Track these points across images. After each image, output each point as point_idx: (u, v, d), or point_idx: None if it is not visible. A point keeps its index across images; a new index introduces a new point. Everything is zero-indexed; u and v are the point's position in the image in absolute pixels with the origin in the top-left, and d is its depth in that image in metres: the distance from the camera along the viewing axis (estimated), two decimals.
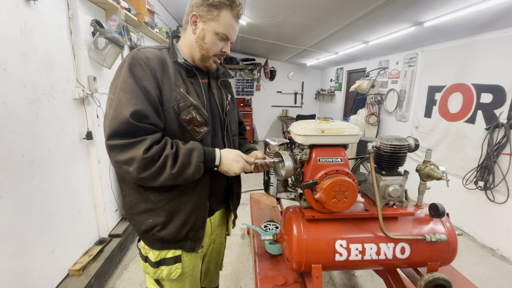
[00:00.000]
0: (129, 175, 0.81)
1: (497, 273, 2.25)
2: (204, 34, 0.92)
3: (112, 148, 0.79)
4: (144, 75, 0.84)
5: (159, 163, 0.82)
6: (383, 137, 1.12)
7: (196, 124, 0.92)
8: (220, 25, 0.91)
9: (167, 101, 0.87)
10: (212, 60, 0.97)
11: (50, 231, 1.64)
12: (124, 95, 0.80)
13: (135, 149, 0.79)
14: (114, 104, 0.81)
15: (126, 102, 0.80)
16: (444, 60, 3.10)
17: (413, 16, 2.55)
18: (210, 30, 0.92)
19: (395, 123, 4.01)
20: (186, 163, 0.85)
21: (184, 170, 0.85)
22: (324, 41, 4.04)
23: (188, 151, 0.87)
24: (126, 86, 0.81)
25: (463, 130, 2.84)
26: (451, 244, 1.07)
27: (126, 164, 0.79)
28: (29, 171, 1.47)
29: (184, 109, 0.89)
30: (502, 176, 2.41)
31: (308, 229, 1.05)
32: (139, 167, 0.80)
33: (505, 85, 2.40)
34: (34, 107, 1.50)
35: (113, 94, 0.83)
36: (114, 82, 0.85)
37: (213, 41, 0.93)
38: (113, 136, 0.79)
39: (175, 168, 0.83)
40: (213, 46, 0.94)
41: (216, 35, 0.93)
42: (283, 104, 7.47)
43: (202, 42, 0.93)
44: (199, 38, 0.93)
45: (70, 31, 1.82)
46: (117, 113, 0.79)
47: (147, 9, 2.69)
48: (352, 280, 2.11)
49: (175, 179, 0.84)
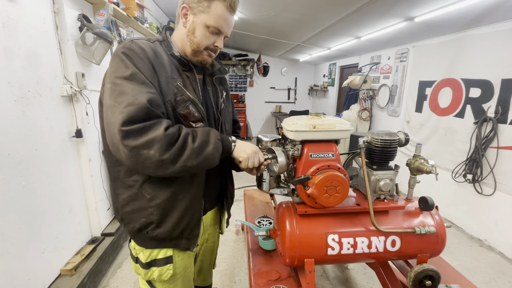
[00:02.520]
0: (149, 160, 0.75)
1: (484, 263, 2.32)
2: (194, 27, 0.88)
3: (129, 133, 0.73)
4: (144, 66, 0.81)
5: (180, 139, 0.78)
6: (374, 132, 1.13)
7: (192, 119, 0.89)
8: (210, 17, 0.86)
9: (164, 94, 0.84)
10: (205, 54, 0.93)
11: (40, 231, 1.61)
12: (134, 83, 0.77)
13: (154, 129, 0.75)
14: (125, 91, 0.75)
15: (139, 89, 0.76)
16: (434, 55, 3.14)
17: (404, 11, 2.56)
18: (200, 23, 0.87)
19: (387, 118, 4.06)
20: (205, 140, 0.83)
21: (204, 147, 0.82)
22: (317, 37, 4.03)
23: (204, 130, 0.86)
24: (134, 77, 0.77)
25: (453, 125, 2.89)
26: (440, 236, 1.10)
27: (146, 147, 0.73)
28: (16, 171, 1.43)
29: (181, 103, 0.87)
30: (490, 169, 2.47)
31: (300, 224, 1.05)
32: (161, 147, 0.75)
33: (493, 80, 2.45)
34: (19, 104, 1.46)
35: (114, 83, 0.77)
36: (113, 71, 0.79)
37: (204, 34, 0.88)
38: (129, 122, 0.72)
39: (196, 143, 0.81)
40: (203, 40, 0.89)
41: (207, 28, 0.87)
42: (276, 100, 7.46)
43: (192, 36, 0.89)
44: (189, 31, 0.89)
45: (56, 26, 1.76)
46: (133, 98, 0.74)
47: (136, 4, 2.63)
48: (345, 273, 2.15)
49: (197, 156, 0.80)
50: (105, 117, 0.78)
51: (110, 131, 0.75)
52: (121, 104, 0.74)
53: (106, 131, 0.78)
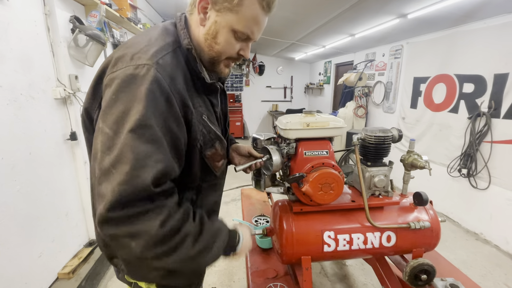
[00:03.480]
0: (125, 250, 0.55)
1: (480, 256, 2.35)
2: (216, 31, 0.66)
3: (112, 220, 0.52)
4: (170, 110, 0.59)
5: (176, 239, 0.58)
6: (367, 129, 1.14)
7: (217, 159, 0.75)
8: (240, 19, 0.65)
9: (193, 137, 0.66)
10: (224, 64, 0.73)
11: (36, 235, 1.60)
12: (142, 146, 0.54)
13: (147, 220, 0.54)
14: (125, 157, 0.53)
15: (145, 159, 0.54)
16: (428, 51, 3.16)
17: (397, 8, 2.58)
18: (225, 26, 0.66)
19: (383, 114, 4.08)
20: (207, 247, 0.64)
21: (202, 254, 0.63)
22: (311, 35, 4.04)
23: (214, 232, 0.68)
24: (146, 131, 0.54)
25: (447, 120, 2.92)
26: (435, 230, 1.11)
27: (129, 237, 0.54)
28: (10, 175, 1.42)
29: (207, 144, 0.71)
30: (484, 163, 2.50)
31: (296, 222, 1.06)
32: (148, 244, 0.54)
33: (486, 75, 2.47)
34: (12, 108, 1.45)
35: (116, 132, 0.54)
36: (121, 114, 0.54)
37: (228, 41, 0.68)
38: (119, 206, 0.52)
39: (194, 250, 0.61)
40: (227, 48, 0.69)
41: (233, 33, 0.67)
42: (273, 99, 7.46)
43: (212, 41, 0.68)
44: (209, 34, 0.67)
45: (48, 28, 1.75)
46: (132, 175, 0.52)
47: (129, 4, 2.61)
48: (344, 270, 2.16)
49: (185, 263, 0.61)
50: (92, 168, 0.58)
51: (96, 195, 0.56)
52: (117, 175, 0.53)
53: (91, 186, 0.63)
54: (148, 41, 0.64)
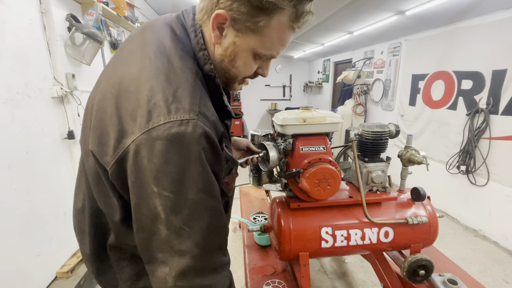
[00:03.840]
0: None
1: (479, 252, 2.35)
2: (235, 53, 0.57)
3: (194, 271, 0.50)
4: (218, 161, 0.56)
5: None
6: (365, 124, 1.14)
7: (232, 184, 0.73)
8: (265, 42, 0.56)
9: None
10: (239, 82, 0.66)
11: (34, 234, 1.60)
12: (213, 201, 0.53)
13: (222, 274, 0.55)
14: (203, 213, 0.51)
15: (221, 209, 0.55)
16: (426, 48, 3.15)
17: (395, 5, 2.57)
18: (245, 49, 0.56)
19: (382, 112, 4.08)
20: None
21: None
22: (310, 32, 4.03)
23: None
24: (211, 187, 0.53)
25: (446, 117, 2.92)
26: (432, 225, 1.11)
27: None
28: (6, 174, 1.42)
29: (226, 171, 0.66)
30: (483, 160, 2.50)
31: (294, 218, 1.06)
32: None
33: (484, 71, 2.47)
34: (8, 106, 1.44)
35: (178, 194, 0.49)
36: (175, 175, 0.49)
37: (248, 63, 0.59)
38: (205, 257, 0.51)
39: None
40: (245, 70, 0.61)
41: (254, 55, 0.58)
42: (272, 98, 7.45)
43: (229, 64, 0.59)
44: (225, 56, 0.58)
45: (44, 27, 1.74)
46: (219, 225, 0.54)
47: (126, 3, 2.60)
48: (343, 267, 2.16)
49: None
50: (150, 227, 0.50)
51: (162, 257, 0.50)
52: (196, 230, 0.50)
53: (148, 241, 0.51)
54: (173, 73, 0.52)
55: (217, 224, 0.53)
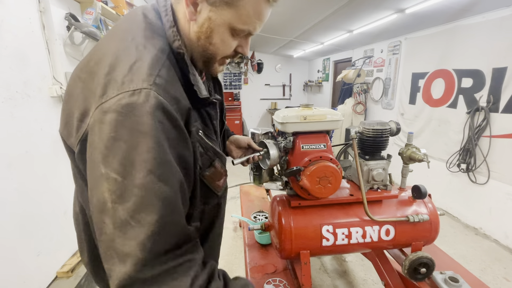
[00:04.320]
0: None
1: (480, 251, 2.35)
2: (211, 29, 0.55)
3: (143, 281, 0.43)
4: (181, 138, 0.51)
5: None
6: (365, 122, 1.13)
7: (218, 178, 0.66)
8: (241, 16, 0.54)
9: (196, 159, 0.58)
10: (218, 63, 0.63)
11: (33, 234, 1.59)
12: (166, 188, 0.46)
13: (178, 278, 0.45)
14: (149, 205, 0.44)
15: (176, 200, 0.48)
16: (426, 46, 3.15)
17: (395, 3, 2.56)
18: (221, 24, 0.54)
19: (382, 111, 4.07)
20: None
21: None
22: (309, 31, 4.02)
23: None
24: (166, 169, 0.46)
25: (446, 115, 2.91)
26: (433, 223, 1.11)
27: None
28: (6, 173, 1.41)
29: (206, 163, 0.62)
30: (483, 158, 2.49)
31: (294, 216, 1.05)
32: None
33: (484, 69, 2.46)
34: (7, 106, 1.44)
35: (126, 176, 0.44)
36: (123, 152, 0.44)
37: (225, 41, 0.57)
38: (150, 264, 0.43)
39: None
40: (224, 49, 0.59)
41: (231, 31, 0.56)
42: (271, 97, 7.44)
43: (206, 41, 0.57)
44: (202, 32, 0.56)
45: (43, 26, 1.73)
46: (162, 225, 0.44)
47: (125, 2, 2.59)
48: (343, 266, 2.16)
49: None
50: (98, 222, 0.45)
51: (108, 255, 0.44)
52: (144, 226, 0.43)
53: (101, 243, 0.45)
54: (135, 49, 0.51)
55: (171, 219, 0.45)
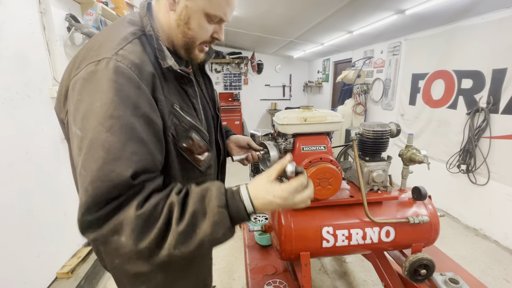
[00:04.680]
0: (122, 249, 0.50)
1: (480, 252, 2.35)
2: (188, 16, 0.64)
3: (93, 223, 0.49)
4: (141, 95, 0.55)
5: (162, 216, 0.52)
6: (365, 123, 1.13)
7: (198, 151, 0.70)
8: (212, 2, 0.64)
9: (166, 127, 0.62)
10: (198, 49, 0.72)
11: (34, 235, 1.59)
12: (112, 137, 0.50)
13: (124, 210, 0.50)
14: (95, 153, 0.49)
15: (119, 151, 0.50)
16: (426, 47, 3.15)
17: (395, 4, 2.57)
18: (197, 10, 0.64)
19: (382, 112, 4.08)
20: (198, 210, 0.54)
21: (196, 224, 0.53)
22: (309, 32, 4.03)
23: (198, 193, 0.57)
24: (115, 121, 0.51)
25: (446, 116, 2.91)
26: (434, 225, 1.11)
27: (114, 234, 0.50)
28: (6, 174, 1.41)
29: (182, 134, 0.66)
30: (483, 159, 2.49)
31: (295, 217, 1.05)
32: (133, 233, 0.49)
33: (484, 70, 2.47)
34: (8, 106, 1.44)
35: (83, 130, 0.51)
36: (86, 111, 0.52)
37: (201, 25, 0.67)
38: (95, 207, 0.49)
39: (183, 222, 0.52)
40: (201, 33, 0.68)
41: (206, 16, 0.66)
42: (271, 97, 7.44)
43: (185, 27, 0.66)
44: (181, 19, 0.65)
45: (43, 27, 1.73)
46: (105, 171, 0.49)
47: (125, 3, 2.60)
48: (343, 267, 2.16)
49: (185, 241, 0.52)
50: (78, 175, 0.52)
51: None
52: (88, 174, 0.49)
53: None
54: (108, 36, 0.62)
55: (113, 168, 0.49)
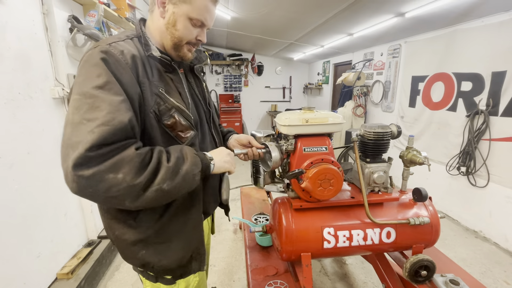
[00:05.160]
0: (115, 187, 0.62)
1: (480, 254, 2.35)
2: (175, 20, 0.79)
3: (92, 159, 0.59)
4: (124, 73, 0.71)
5: (153, 159, 0.68)
6: (366, 125, 1.14)
7: (180, 129, 0.82)
8: (194, 9, 0.79)
9: (147, 104, 0.75)
10: (186, 48, 0.85)
11: (34, 235, 1.59)
12: (112, 97, 0.65)
13: (123, 149, 0.64)
14: (99, 105, 0.63)
15: (118, 105, 0.65)
16: (426, 50, 3.17)
17: (395, 7, 2.58)
18: (182, 15, 0.79)
19: (382, 114, 4.09)
20: (179, 157, 0.73)
21: (180, 164, 0.72)
22: (310, 34, 4.04)
23: (176, 147, 0.78)
24: (112, 86, 0.67)
25: (446, 118, 2.92)
26: (434, 226, 1.11)
27: (112, 171, 0.61)
28: (8, 174, 1.42)
29: (165, 113, 0.78)
30: (483, 161, 2.50)
31: (296, 218, 1.06)
32: (133, 168, 0.63)
33: (483, 73, 2.48)
34: (10, 107, 1.44)
35: (85, 94, 0.65)
36: (85, 79, 0.67)
37: (186, 27, 0.81)
38: (100, 145, 0.60)
39: (171, 162, 0.71)
40: (186, 34, 0.82)
41: (190, 20, 0.80)
42: (272, 99, 7.46)
43: (173, 29, 0.80)
44: (169, 23, 0.80)
45: (46, 28, 1.74)
46: (111, 116, 0.62)
47: (127, 4, 2.61)
48: (344, 268, 2.16)
49: (174, 176, 0.70)
50: (63, 135, 0.63)
51: (64, 153, 0.61)
52: (92, 122, 0.61)
53: (61, 150, 0.63)
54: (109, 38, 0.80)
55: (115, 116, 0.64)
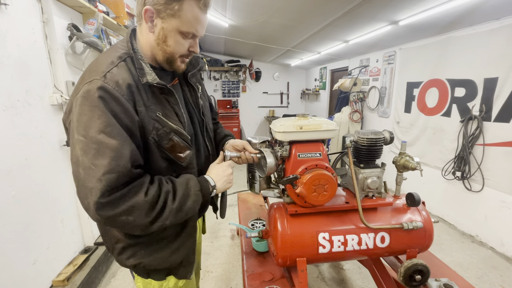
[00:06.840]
0: (128, 225, 0.70)
1: (476, 258, 2.36)
2: (165, 35, 0.76)
3: (106, 205, 0.66)
4: (122, 110, 0.70)
5: (160, 201, 0.73)
6: (360, 131, 1.16)
7: (179, 150, 0.83)
8: (183, 22, 0.74)
9: (146, 131, 0.76)
10: (179, 61, 0.83)
11: (31, 242, 1.59)
12: (113, 141, 0.67)
13: (134, 195, 0.70)
14: (104, 152, 0.66)
15: (121, 149, 0.68)
16: (420, 57, 3.23)
17: (389, 15, 2.65)
18: (171, 30, 0.75)
19: (378, 119, 4.13)
20: (184, 194, 0.78)
21: (184, 203, 0.78)
22: (306, 41, 4.11)
23: (183, 181, 0.81)
24: (112, 129, 0.68)
25: (440, 124, 2.97)
26: (427, 230, 1.13)
27: (125, 214, 0.68)
28: (5, 181, 1.42)
29: (164, 137, 0.79)
30: (477, 166, 2.53)
31: (291, 223, 1.07)
32: (142, 213, 0.70)
33: (476, 79, 2.53)
34: (8, 114, 1.46)
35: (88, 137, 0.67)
36: (86, 121, 0.67)
37: (178, 42, 0.78)
38: (110, 191, 0.65)
39: (176, 202, 0.76)
40: (178, 48, 0.79)
41: (181, 34, 0.77)
42: (269, 105, 7.51)
43: (164, 45, 0.78)
44: (159, 39, 0.77)
45: (45, 36, 1.77)
46: (115, 164, 0.66)
47: (126, 12, 2.65)
48: (341, 274, 2.16)
49: (176, 214, 0.76)
50: (76, 173, 0.68)
51: (82, 193, 0.67)
52: (99, 168, 0.65)
53: (77, 188, 0.68)
54: (101, 60, 0.77)
55: (118, 162, 0.67)
